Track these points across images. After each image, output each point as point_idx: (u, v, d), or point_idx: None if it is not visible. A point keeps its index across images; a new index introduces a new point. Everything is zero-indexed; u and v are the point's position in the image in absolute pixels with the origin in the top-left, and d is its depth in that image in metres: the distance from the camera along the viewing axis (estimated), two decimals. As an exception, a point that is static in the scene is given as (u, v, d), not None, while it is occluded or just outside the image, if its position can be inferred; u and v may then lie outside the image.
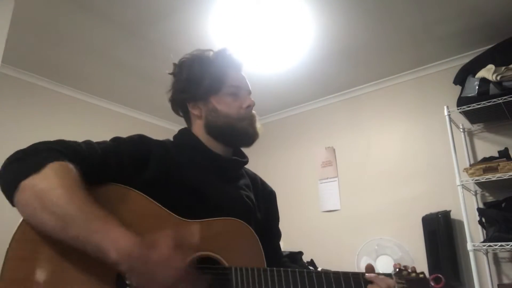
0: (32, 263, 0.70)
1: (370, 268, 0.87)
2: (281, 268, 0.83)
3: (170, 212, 0.84)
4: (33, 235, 0.72)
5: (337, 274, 0.82)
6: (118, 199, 0.80)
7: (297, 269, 0.83)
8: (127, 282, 0.74)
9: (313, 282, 0.81)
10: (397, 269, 0.86)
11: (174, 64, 1.08)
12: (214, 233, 0.86)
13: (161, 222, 0.83)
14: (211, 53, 1.07)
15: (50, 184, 0.70)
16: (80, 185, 0.74)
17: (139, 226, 0.78)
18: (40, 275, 0.70)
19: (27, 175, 0.71)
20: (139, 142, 0.93)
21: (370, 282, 0.83)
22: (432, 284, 0.84)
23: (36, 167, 0.72)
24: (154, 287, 0.70)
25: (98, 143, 0.87)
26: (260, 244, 0.90)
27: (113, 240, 0.69)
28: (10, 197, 0.72)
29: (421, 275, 0.85)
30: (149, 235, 0.72)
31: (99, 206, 0.73)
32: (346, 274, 0.83)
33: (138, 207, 0.82)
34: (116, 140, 0.92)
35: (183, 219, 0.85)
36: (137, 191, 0.83)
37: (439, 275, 0.84)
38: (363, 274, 0.84)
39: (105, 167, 0.83)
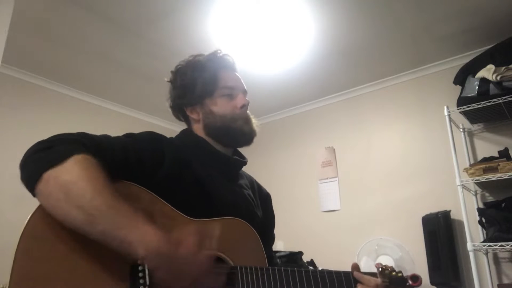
0: (42, 262, 0.69)
1: (355, 267, 0.92)
2: (282, 268, 0.87)
3: (178, 212, 0.85)
4: (42, 233, 0.71)
5: (330, 273, 0.89)
6: (127, 197, 0.80)
7: (296, 268, 0.87)
8: (140, 275, 0.74)
9: (310, 280, 0.87)
10: (380, 269, 0.93)
11: (171, 72, 1.11)
12: (219, 233, 0.87)
13: (170, 221, 0.83)
14: (203, 57, 1.09)
15: (75, 176, 0.70)
16: (104, 178, 0.73)
17: None
18: (51, 273, 0.69)
19: (51, 166, 0.70)
20: (154, 140, 0.94)
21: (359, 281, 0.89)
22: (410, 282, 0.92)
23: (60, 158, 0.71)
24: (180, 283, 0.71)
25: (115, 138, 0.87)
26: (261, 243, 0.92)
27: (141, 236, 0.69)
28: (31, 187, 0.71)
29: (399, 274, 0.93)
30: (175, 232, 0.74)
31: (125, 201, 0.72)
32: (338, 273, 0.89)
33: (146, 206, 0.82)
34: (131, 136, 0.92)
35: (191, 218, 0.85)
36: (145, 189, 0.83)
37: (416, 274, 0.92)
38: (352, 273, 0.91)
39: (126, 163, 0.83)
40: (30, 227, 0.70)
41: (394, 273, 0.92)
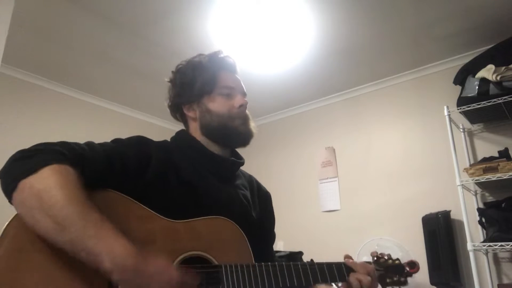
0: (17, 274, 0.68)
1: (348, 257, 0.93)
2: (269, 263, 0.85)
3: (159, 215, 0.84)
4: (18, 244, 0.70)
5: (321, 264, 0.88)
6: (106, 204, 0.79)
7: (283, 263, 0.86)
8: None
9: (300, 273, 0.85)
10: (375, 257, 0.93)
11: (172, 72, 1.11)
12: (202, 233, 0.87)
13: (149, 225, 0.83)
14: (204, 57, 1.09)
15: (48, 185, 0.70)
16: (79, 188, 0.73)
17: (127, 231, 0.77)
18: (26, 286, 0.68)
19: (26, 175, 0.71)
20: (141, 144, 0.93)
21: (351, 269, 0.89)
22: (407, 269, 0.91)
23: (35, 168, 0.72)
24: None
25: (100, 144, 0.87)
26: (247, 242, 0.90)
27: (108, 248, 0.68)
28: (9, 195, 0.72)
29: (397, 262, 0.92)
30: (147, 248, 0.72)
31: (96, 211, 0.72)
32: (329, 264, 0.88)
33: (125, 212, 0.82)
34: (117, 142, 0.92)
35: (172, 220, 0.85)
36: (124, 195, 0.83)
37: (414, 260, 0.91)
38: (344, 263, 0.90)
39: (109, 170, 0.83)
40: (5, 238, 0.70)
41: (390, 261, 0.91)
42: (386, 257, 0.92)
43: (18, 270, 0.69)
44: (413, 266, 0.90)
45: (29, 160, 0.74)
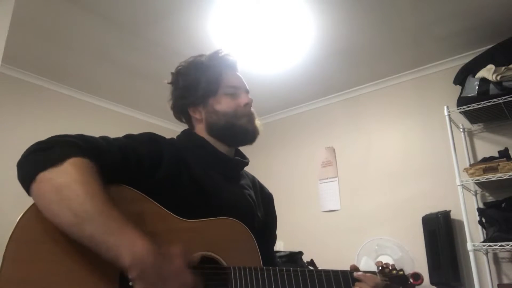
0: (30, 264, 0.69)
1: (354, 267, 0.93)
2: (277, 268, 0.86)
3: (170, 212, 0.84)
4: (31, 236, 0.71)
5: (327, 272, 0.88)
6: (120, 200, 0.79)
7: (291, 268, 0.86)
8: (130, 284, 0.73)
9: (306, 280, 0.86)
10: (380, 267, 0.93)
11: (172, 74, 1.10)
12: (212, 233, 0.87)
13: (163, 223, 0.83)
14: (205, 57, 1.09)
15: (69, 179, 0.70)
16: (98, 183, 0.73)
17: (139, 227, 0.78)
18: (39, 276, 0.69)
19: (46, 168, 0.71)
20: (153, 141, 0.94)
21: (358, 280, 0.89)
22: (411, 280, 0.92)
23: (55, 160, 0.72)
24: None
25: (114, 139, 0.88)
26: (256, 244, 0.91)
27: (129, 244, 0.69)
28: (27, 187, 0.72)
29: (401, 272, 0.92)
30: (164, 247, 0.73)
31: (115, 207, 0.72)
32: (335, 272, 0.89)
33: (139, 209, 0.82)
34: (130, 137, 0.92)
35: (183, 219, 0.85)
36: (138, 191, 0.83)
37: (418, 272, 0.92)
38: (351, 272, 0.90)
39: (124, 165, 0.83)
40: (19, 229, 0.70)
41: (395, 271, 0.92)
42: (390, 267, 0.93)
43: (31, 261, 0.69)
44: (417, 278, 0.91)
45: (48, 152, 0.73)
